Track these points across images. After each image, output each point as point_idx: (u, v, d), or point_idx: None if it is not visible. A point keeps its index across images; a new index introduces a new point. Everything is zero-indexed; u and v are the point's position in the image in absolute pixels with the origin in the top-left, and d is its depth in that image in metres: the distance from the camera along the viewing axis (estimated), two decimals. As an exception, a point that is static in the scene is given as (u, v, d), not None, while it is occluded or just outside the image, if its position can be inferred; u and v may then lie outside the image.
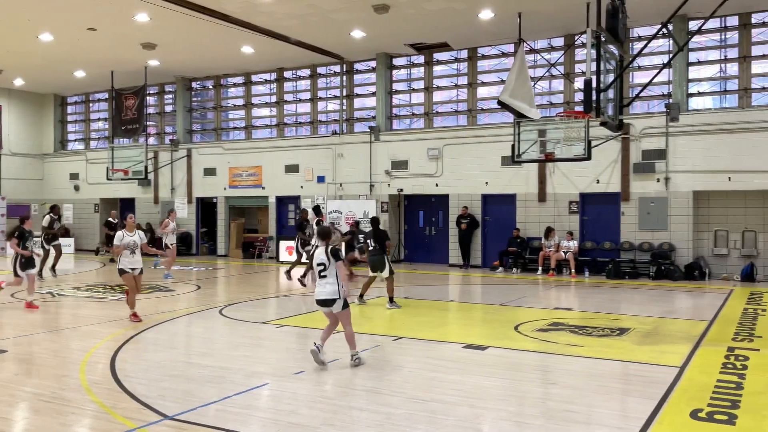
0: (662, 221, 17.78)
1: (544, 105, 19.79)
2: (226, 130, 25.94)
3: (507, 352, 8.56)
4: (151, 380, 7.05)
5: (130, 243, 10.58)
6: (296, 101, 24.33)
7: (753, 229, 17.18)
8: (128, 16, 17.72)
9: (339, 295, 7.48)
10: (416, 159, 21.16)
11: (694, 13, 16.53)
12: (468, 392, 6.63)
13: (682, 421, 5.68)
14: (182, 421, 5.66)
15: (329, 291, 7.49)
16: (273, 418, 5.80)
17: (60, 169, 28.98)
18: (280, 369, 7.58)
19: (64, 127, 29.84)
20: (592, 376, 7.30)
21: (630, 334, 9.69)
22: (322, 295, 7.53)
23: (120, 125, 24.41)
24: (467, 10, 17.13)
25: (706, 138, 17.24)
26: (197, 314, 11.63)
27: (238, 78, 25.23)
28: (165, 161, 25.97)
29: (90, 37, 19.84)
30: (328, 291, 7.48)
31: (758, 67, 17.56)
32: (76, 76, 25.18)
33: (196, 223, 25.58)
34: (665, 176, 17.67)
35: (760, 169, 16.56)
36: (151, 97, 27.07)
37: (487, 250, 20.44)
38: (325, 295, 7.50)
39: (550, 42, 19.86)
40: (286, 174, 23.49)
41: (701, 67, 18.23)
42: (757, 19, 17.32)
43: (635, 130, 18.03)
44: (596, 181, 18.55)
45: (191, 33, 19.31)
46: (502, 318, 11.28)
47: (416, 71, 22.18)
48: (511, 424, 5.69)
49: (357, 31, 19.00)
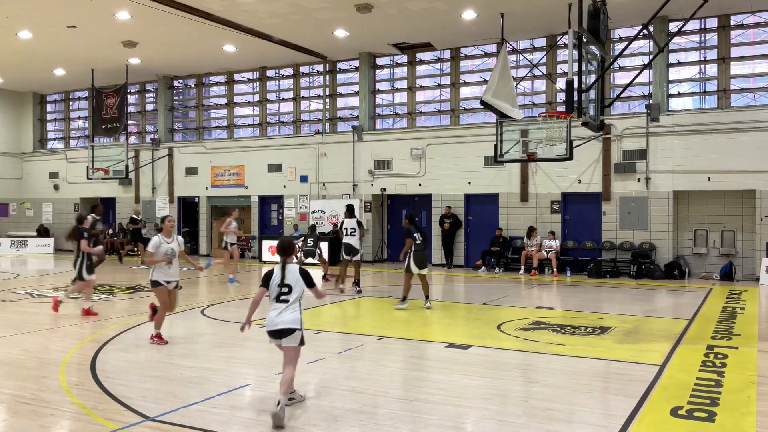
0: (643, 221, 17.94)
1: (527, 105, 19.89)
2: (208, 129, 25.79)
3: (490, 351, 8.59)
4: (132, 381, 6.99)
5: (168, 251, 9.00)
6: (279, 100, 24.25)
7: (732, 229, 17.40)
8: (109, 13, 17.56)
9: (300, 326, 6.05)
10: (399, 159, 21.18)
11: (675, 14, 16.70)
12: (451, 391, 6.64)
13: (663, 419, 5.73)
14: (164, 422, 5.62)
15: (290, 319, 6.01)
16: (256, 419, 5.77)
17: (39, 168, 28.64)
18: (262, 369, 7.55)
19: (44, 126, 29.49)
20: (574, 375, 7.34)
21: (611, 333, 9.76)
22: (279, 324, 6.00)
23: (100, 124, 24.18)
24: (450, 11, 17.17)
25: (686, 138, 17.43)
26: (179, 315, 11.55)
27: (221, 77, 25.10)
28: (146, 160, 25.76)
29: (70, 35, 19.63)
30: (289, 319, 6.01)
31: (737, 68, 17.79)
32: (56, 74, 24.91)
33: (177, 223, 25.40)
34: (646, 176, 17.84)
35: (739, 169, 16.77)
36: (132, 96, 26.84)
37: (469, 250, 20.51)
38: (284, 324, 5.99)
39: (532, 43, 19.97)
40: (268, 173, 23.40)
41: (681, 68, 18.42)
42: (736, 21, 17.54)
43: (616, 130, 18.18)
44: (578, 180, 18.68)
45: (173, 31, 19.17)
46: (485, 317, 11.32)
47: (399, 71, 22.20)
48: (493, 422, 5.71)
49: (340, 30, 18.98)
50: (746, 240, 17.22)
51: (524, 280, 17.32)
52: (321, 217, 22.02)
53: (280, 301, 6.08)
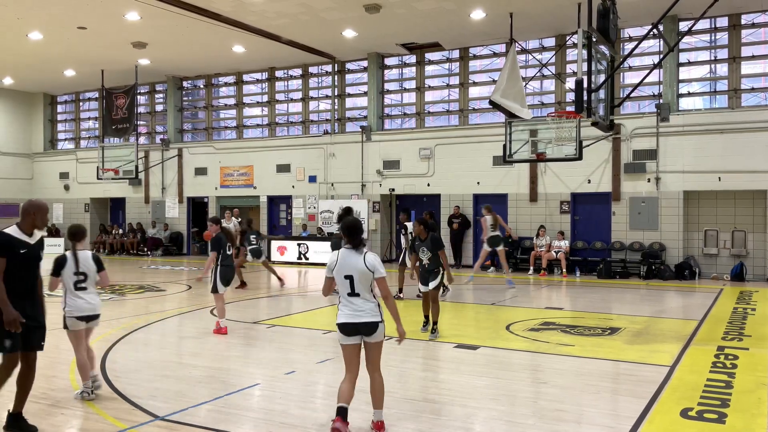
0: (653, 221, 17.86)
1: (536, 105, 19.84)
2: (217, 130, 25.87)
3: (498, 351, 8.57)
4: (142, 381, 7.02)
5: None
6: (288, 101, 24.29)
7: (742, 229, 17.28)
8: (119, 15, 17.65)
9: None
10: (408, 159, 21.17)
11: (685, 14, 16.61)
12: (460, 392, 6.63)
13: (673, 420, 5.70)
14: (173, 421, 5.64)
15: (99, 302, 6.51)
16: (264, 419, 5.78)
17: (50, 168, 28.82)
18: (271, 369, 7.56)
19: (54, 127, 29.67)
20: (583, 376, 7.32)
21: (621, 334, 9.72)
22: (94, 311, 6.43)
23: (110, 124, 24.29)
24: (458, 10, 17.15)
25: (697, 138, 17.33)
26: (188, 314, 11.59)
27: (230, 77, 25.16)
28: (156, 161, 25.87)
29: (80, 36, 19.74)
30: (98, 302, 6.49)
31: (748, 67, 17.67)
32: (66, 75, 25.05)
33: (187, 223, 25.50)
34: (656, 176, 17.75)
35: (749, 169, 16.66)
36: (142, 96, 26.96)
37: (478, 250, 20.44)
38: (96, 310, 6.44)
39: (541, 42, 19.91)
40: (277, 174, 23.45)
41: (691, 67, 18.32)
42: (747, 20, 17.43)
43: (626, 130, 18.10)
44: (587, 181, 18.61)
45: (182, 32, 19.25)
46: (494, 318, 11.30)
47: (408, 71, 22.19)
48: (502, 423, 5.70)
49: (348, 30, 18.99)
50: (757, 240, 17.11)
51: (533, 280, 17.27)
52: (329, 218, 22.03)
53: (78, 288, 6.38)
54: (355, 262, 5.30)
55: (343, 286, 5.34)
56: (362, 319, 5.27)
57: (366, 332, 5.31)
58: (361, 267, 5.28)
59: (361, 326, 5.29)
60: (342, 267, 5.33)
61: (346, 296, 5.34)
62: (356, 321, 5.29)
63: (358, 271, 5.28)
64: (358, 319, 5.28)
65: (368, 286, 5.33)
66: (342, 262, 5.33)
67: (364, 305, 5.29)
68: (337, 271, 5.35)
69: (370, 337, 5.33)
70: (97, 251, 25.81)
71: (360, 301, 5.30)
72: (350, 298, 5.32)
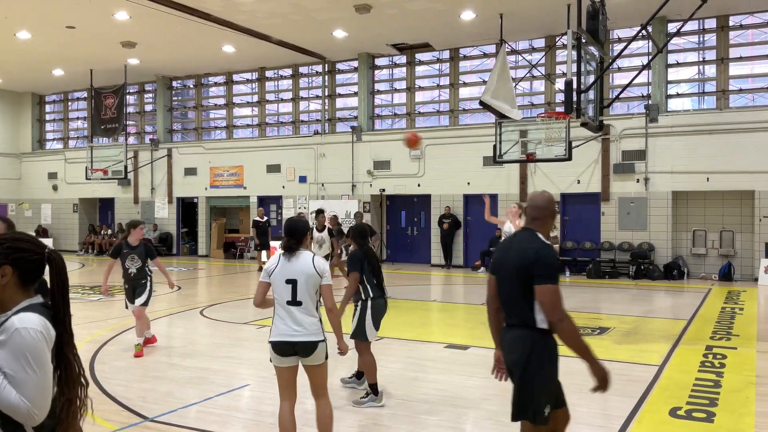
0: (642, 221, 17.95)
1: (526, 106, 19.89)
2: (207, 130, 25.78)
3: (489, 351, 8.55)
4: (131, 382, 6.98)
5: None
6: (278, 101, 24.24)
7: (731, 229, 17.41)
8: (108, 14, 17.55)
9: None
10: (398, 159, 21.17)
11: (673, 15, 16.71)
12: (450, 392, 6.64)
13: (662, 419, 5.74)
14: (163, 423, 5.61)
15: None
16: (254, 419, 5.77)
17: (38, 168, 28.62)
18: (261, 370, 7.54)
19: (42, 126, 29.48)
20: (573, 375, 7.32)
21: (610, 333, 9.77)
22: None
23: (99, 124, 24.15)
24: (449, 11, 17.17)
25: (685, 139, 17.43)
26: (178, 315, 11.55)
27: (219, 77, 25.09)
28: (145, 161, 25.75)
29: (69, 36, 19.62)
30: None
31: (736, 69, 17.80)
32: (55, 74, 24.89)
33: (176, 224, 25.40)
34: (645, 177, 17.85)
35: (737, 169, 16.78)
36: (131, 96, 26.82)
37: (469, 250, 20.51)
38: None
39: (531, 43, 19.98)
40: (267, 174, 23.40)
41: (680, 68, 18.43)
42: (735, 21, 17.55)
43: (615, 130, 18.19)
44: (577, 181, 18.68)
45: (172, 32, 19.17)
46: (484, 318, 11.21)
47: (398, 71, 22.20)
48: (492, 423, 5.71)
49: (339, 30, 18.97)
50: (745, 240, 17.23)
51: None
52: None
53: None
54: (301, 264, 4.54)
55: (284, 292, 4.53)
56: (299, 338, 4.49)
57: (303, 353, 4.53)
58: (309, 270, 4.53)
59: (298, 346, 4.51)
60: (284, 270, 4.54)
61: (285, 305, 4.53)
62: (292, 340, 4.50)
63: (304, 274, 4.52)
64: (295, 338, 4.49)
65: (313, 294, 4.58)
66: (284, 265, 4.56)
67: (304, 319, 4.51)
68: (277, 275, 4.55)
69: (308, 358, 4.56)
70: (85, 252, 25.71)
71: (300, 312, 4.51)
72: (289, 307, 4.51)
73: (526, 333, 3.67)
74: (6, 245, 2.30)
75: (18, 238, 2.35)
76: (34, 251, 2.32)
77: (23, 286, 2.30)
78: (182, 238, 25.57)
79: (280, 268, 4.55)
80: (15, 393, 2.11)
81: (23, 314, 2.20)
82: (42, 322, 2.20)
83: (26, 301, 2.28)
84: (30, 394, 2.11)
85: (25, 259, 2.30)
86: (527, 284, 3.62)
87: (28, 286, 2.31)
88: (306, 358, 4.56)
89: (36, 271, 2.32)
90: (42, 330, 2.17)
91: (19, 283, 2.29)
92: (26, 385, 2.11)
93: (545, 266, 3.61)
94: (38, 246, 2.34)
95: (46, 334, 2.18)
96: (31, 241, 2.35)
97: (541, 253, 3.65)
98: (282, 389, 4.64)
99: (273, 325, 4.60)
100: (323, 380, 4.71)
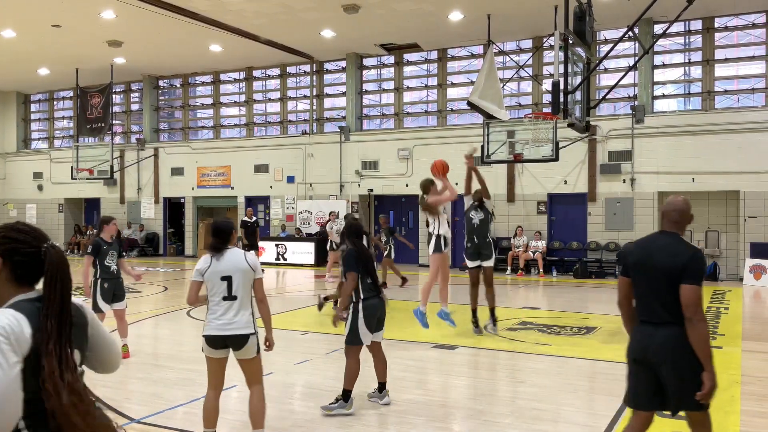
0: (628, 221, 18.06)
1: (513, 106, 19.96)
2: (194, 129, 25.66)
3: (476, 351, 8.60)
4: (117, 383, 6.93)
5: None
6: (266, 101, 24.17)
7: (716, 229, 17.55)
8: (94, 13, 17.43)
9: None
10: (386, 159, 21.17)
11: (659, 17, 16.83)
12: (438, 391, 6.65)
13: (648, 418, 5.76)
14: (149, 424, 5.58)
15: None
16: (241, 420, 5.74)
17: (23, 168, 28.36)
18: (249, 370, 7.51)
19: (27, 126, 29.22)
20: (560, 375, 7.37)
21: (597, 333, 9.82)
22: None
23: (85, 124, 23.99)
24: (437, 12, 17.20)
25: (671, 140, 17.56)
26: (164, 316, 11.48)
27: (207, 77, 24.98)
28: (131, 161, 25.58)
29: (54, 34, 19.46)
30: None
31: (721, 70, 17.95)
32: (40, 73, 24.69)
33: (163, 224, 25.26)
34: (631, 177, 17.96)
35: (722, 170, 16.92)
36: (117, 96, 26.63)
37: (457, 251, 20.51)
38: None
39: (518, 44, 20.05)
40: (255, 174, 23.32)
41: (666, 69, 18.56)
42: (720, 23, 17.70)
43: (602, 131, 18.28)
44: (564, 181, 18.77)
45: (158, 31, 19.06)
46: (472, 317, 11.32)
47: (386, 72, 22.20)
48: (480, 423, 5.72)
49: (327, 30, 18.95)
50: (730, 240, 17.37)
51: (511, 280, 17.37)
52: (308, 218, 21.97)
53: None
54: (236, 261, 4.80)
55: (219, 289, 4.78)
56: (231, 332, 4.73)
57: (235, 346, 4.78)
58: (244, 266, 4.79)
59: (230, 339, 4.75)
60: (218, 268, 4.78)
61: (221, 301, 4.77)
62: (225, 334, 4.75)
63: (240, 270, 4.77)
64: (227, 332, 4.73)
65: (248, 289, 4.83)
66: (216, 263, 4.80)
67: (238, 314, 4.76)
68: (211, 273, 4.78)
69: (239, 351, 4.80)
70: (71, 252, 25.50)
71: (234, 307, 4.76)
72: (225, 302, 4.76)
73: (680, 330, 3.89)
74: (2, 236, 2.15)
75: (16, 229, 2.18)
76: (29, 244, 2.14)
77: (17, 280, 2.14)
78: (169, 238, 25.43)
79: (213, 267, 4.80)
80: None
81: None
82: (9, 318, 2.01)
83: (19, 296, 2.13)
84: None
85: (18, 251, 2.13)
86: (677, 284, 3.88)
87: (23, 280, 2.15)
88: (238, 351, 4.83)
89: (31, 265, 2.14)
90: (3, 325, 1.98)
91: (11, 277, 2.13)
92: None
93: (698, 269, 3.88)
94: (36, 239, 2.17)
95: (8, 330, 1.98)
96: (30, 233, 2.17)
97: (697, 255, 3.94)
98: (211, 378, 4.93)
99: (207, 320, 4.85)
100: (256, 372, 4.97)
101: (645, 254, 4.11)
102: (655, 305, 4.01)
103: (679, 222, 4.13)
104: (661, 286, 3.95)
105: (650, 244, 4.15)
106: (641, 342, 4.12)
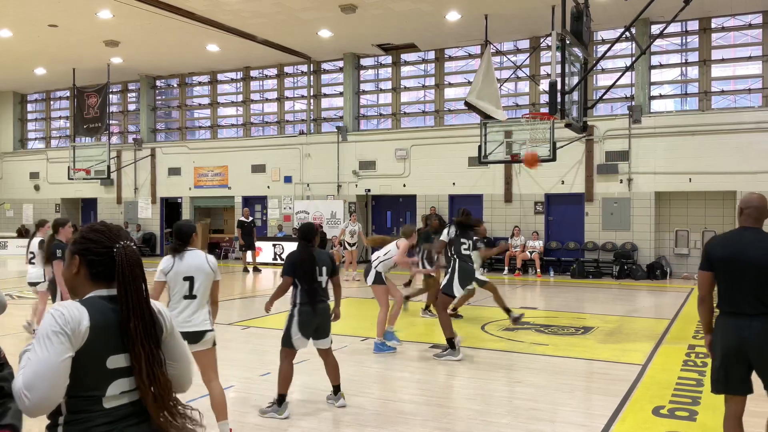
0: (625, 221, 18.08)
1: (510, 106, 19.97)
2: (191, 129, 25.63)
3: (474, 351, 8.60)
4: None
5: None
6: (263, 101, 24.16)
7: (712, 230, 17.56)
8: (91, 12, 17.40)
9: None
10: (384, 159, 21.17)
11: (656, 17, 16.85)
12: (435, 392, 6.65)
13: (645, 418, 5.78)
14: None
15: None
16: (239, 420, 5.74)
17: (19, 168, 28.30)
18: (245, 371, 7.51)
19: (24, 126, 29.16)
20: (557, 375, 7.38)
21: (594, 333, 9.83)
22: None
23: (82, 124, 23.95)
24: (434, 12, 17.20)
25: (668, 140, 17.58)
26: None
27: (204, 77, 24.96)
28: (128, 161, 25.55)
29: (51, 34, 19.43)
30: None
31: (718, 70, 17.98)
32: (37, 73, 24.64)
33: (160, 224, 25.23)
34: (628, 177, 17.98)
35: (719, 170, 16.95)
36: (114, 96, 26.58)
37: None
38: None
39: (516, 44, 20.06)
40: (252, 174, 23.30)
41: (663, 70, 18.59)
42: (717, 23, 17.73)
43: (599, 131, 18.31)
44: (561, 182, 18.78)
45: (155, 31, 19.04)
46: (469, 317, 11.34)
47: (384, 72, 22.20)
48: (477, 422, 5.72)
49: (324, 30, 18.94)
50: (727, 240, 17.38)
51: (508, 280, 17.37)
52: (305, 219, 21.95)
53: None
54: (198, 263, 5.05)
55: (180, 288, 5.02)
56: (189, 329, 4.92)
57: (192, 341, 4.88)
58: (206, 268, 5.05)
59: (188, 335, 4.81)
60: (180, 268, 5.02)
61: (181, 299, 5.01)
62: (182, 330, 4.80)
63: (202, 272, 5.03)
64: (185, 329, 4.85)
65: (208, 289, 5.09)
66: (179, 264, 5.02)
67: (196, 312, 5.02)
68: (174, 273, 5.01)
69: (196, 345, 4.97)
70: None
71: (194, 305, 5.02)
72: (185, 301, 5.01)
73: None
74: (80, 236, 2.31)
75: (94, 229, 2.34)
76: (102, 244, 2.28)
77: (92, 278, 2.29)
78: (166, 238, 25.37)
79: (176, 267, 5.02)
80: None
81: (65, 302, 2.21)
82: (71, 309, 2.15)
83: (94, 292, 2.28)
84: (26, 372, 2.07)
85: (91, 251, 2.28)
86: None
87: (99, 278, 2.29)
88: (194, 344, 4.95)
89: (104, 265, 2.28)
90: (63, 313, 2.13)
91: (87, 275, 2.28)
92: (28, 362, 2.08)
93: None
94: (110, 239, 2.30)
95: (67, 318, 2.12)
96: (105, 233, 2.32)
97: None
98: None
99: None
100: (211, 364, 5.18)
101: (736, 249, 4.25)
102: (748, 297, 4.18)
103: (759, 219, 4.31)
104: (755, 279, 4.14)
105: (739, 239, 4.30)
106: (736, 332, 4.23)
